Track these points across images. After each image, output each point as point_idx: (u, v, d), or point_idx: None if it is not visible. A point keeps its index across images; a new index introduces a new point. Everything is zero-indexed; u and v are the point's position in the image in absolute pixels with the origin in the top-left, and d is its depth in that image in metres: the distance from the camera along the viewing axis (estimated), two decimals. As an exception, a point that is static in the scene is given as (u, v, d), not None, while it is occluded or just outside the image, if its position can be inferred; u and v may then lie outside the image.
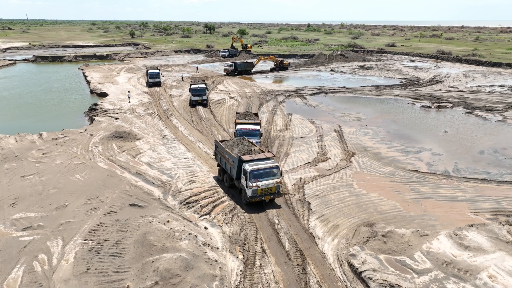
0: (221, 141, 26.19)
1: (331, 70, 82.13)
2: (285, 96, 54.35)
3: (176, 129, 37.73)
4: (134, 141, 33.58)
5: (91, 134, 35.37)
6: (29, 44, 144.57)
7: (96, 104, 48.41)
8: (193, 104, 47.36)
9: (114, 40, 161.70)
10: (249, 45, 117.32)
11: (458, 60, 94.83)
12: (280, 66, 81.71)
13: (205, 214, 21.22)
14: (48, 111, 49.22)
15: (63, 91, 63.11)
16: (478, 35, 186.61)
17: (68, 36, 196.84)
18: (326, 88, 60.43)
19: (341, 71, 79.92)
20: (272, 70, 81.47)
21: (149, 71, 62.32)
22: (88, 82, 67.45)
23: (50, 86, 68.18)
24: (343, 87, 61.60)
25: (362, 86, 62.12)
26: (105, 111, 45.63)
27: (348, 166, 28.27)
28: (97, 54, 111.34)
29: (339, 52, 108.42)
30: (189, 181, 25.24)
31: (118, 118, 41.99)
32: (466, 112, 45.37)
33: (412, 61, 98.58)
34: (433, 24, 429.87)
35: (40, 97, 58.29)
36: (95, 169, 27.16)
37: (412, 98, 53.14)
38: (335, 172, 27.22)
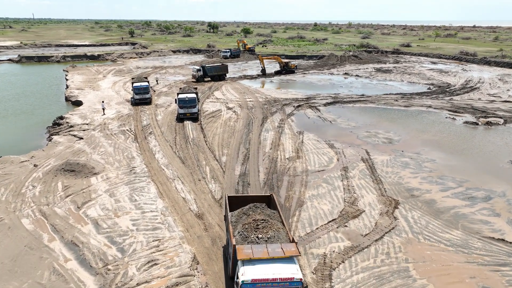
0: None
1: (345, 73, 72.54)
2: (294, 106, 44.95)
3: (151, 156, 28.48)
4: (89, 177, 24.40)
5: (35, 165, 26.25)
6: (20, 43, 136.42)
7: (61, 118, 39.35)
8: (180, 118, 38.11)
9: (122, 38, 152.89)
10: (247, 45, 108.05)
11: (486, 62, 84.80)
12: (286, 69, 72.20)
13: None
14: (7, 123, 40.37)
15: (37, 97, 54.44)
16: (496, 35, 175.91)
17: (66, 35, 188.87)
18: (342, 97, 50.92)
19: (356, 75, 70.28)
20: (277, 73, 72.01)
21: (134, 84, 46.51)
22: (67, 87, 58.60)
23: (25, 90, 59.55)
24: (362, 95, 52.06)
25: (384, 94, 52.51)
26: (71, 126, 36.58)
27: (393, 228, 18.85)
28: (88, 54, 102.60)
29: (351, 53, 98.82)
30: (149, 261, 15.94)
31: (82, 138, 32.89)
32: (525, 131, 35.74)
33: (434, 63, 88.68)
34: (439, 23, 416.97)
35: (7, 104, 49.61)
36: (13, 232, 18.02)
37: (449, 110, 43.48)
38: (376, 240, 17.82)
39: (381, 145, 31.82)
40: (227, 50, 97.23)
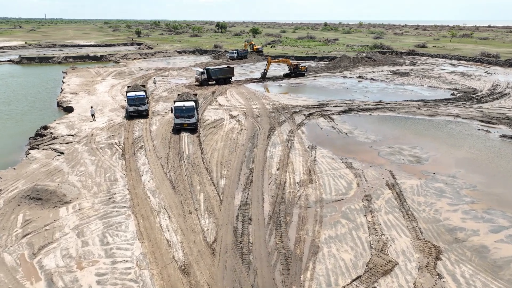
0: None
1: (359, 76, 67.60)
2: (304, 115, 40.38)
3: (137, 178, 24.21)
4: (58, 207, 20.23)
5: (-2, 190, 22.19)
6: (25, 43, 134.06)
7: (46, 127, 35.39)
8: (177, 129, 33.82)
9: (132, 39, 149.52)
10: (255, 46, 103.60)
11: (511, 64, 79.02)
12: (296, 72, 67.52)
13: None
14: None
15: (30, 101, 50.95)
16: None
17: (73, 35, 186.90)
18: (358, 103, 46.16)
19: (371, 78, 65.34)
20: (286, 76, 67.37)
21: (128, 94, 39.58)
22: (61, 91, 54.90)
23: (19, 93, 56.24)
24: (380, 101, 47.23)
25: (404, 101, 47.58)
26: (54, 138, 32.58)
27: (439, 292, 14.25)
28: (91, 55, 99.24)
29: (364, 54, 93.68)
30: None
31: (62, 153, 28.81)
32: None
33: (453, 65, 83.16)
34: (450, 23, 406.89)
35: (-4, 109, 46.14)
36: None
37: (480, 121, 38.47)
38: (419, 313, 13.23)
39: (408, 165, 27.09)
40: (234, 51, 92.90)
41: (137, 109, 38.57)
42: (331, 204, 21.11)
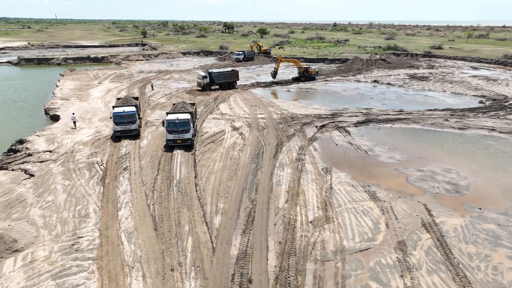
0: None
1: (374, 80, 62.52)
2: (316, 127, 35.62)
3: (114, 213, 19.70)
4: (5, 257, 15.80)
5: None
6: (28, 43, 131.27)
7: (21, 141, 31.14)
8: (169, 146, 29.25)
9: (142, 40, 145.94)
10: (262, 47, 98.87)
11: (538, 68, 73.28)
12: (306, 75, 62.67)
13: None
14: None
15: (18, 107, 47.31)
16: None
17: (79, 36, 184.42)
18: (376, 113, 41.24)
19: (388, 83, 60.21)
20: (295, 80, 62.52)
21: (115, 110, 32.33)
22: (53, 96, 50.91)
23: (8, 98, 52.78)
24: (400, 110, 42.25)
25: (428, 110, 42.50)
26: (29, 155, 28.29)
27: None
28: (92, 56, 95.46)
29: (378, 56, 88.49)
30: None
31: (33, 175, 24.49)
32: None
33: (475, 68, 77.59)
34: (462, 23, 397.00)
35: (-20, 115, 42.43)
36: None
37: (521, 135, 33.33)
38: None
39: (445, 196, 22.19)
40: (240, 53, 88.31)
41: (125, 128, 31.49)
42: (355, 256, 16.36)
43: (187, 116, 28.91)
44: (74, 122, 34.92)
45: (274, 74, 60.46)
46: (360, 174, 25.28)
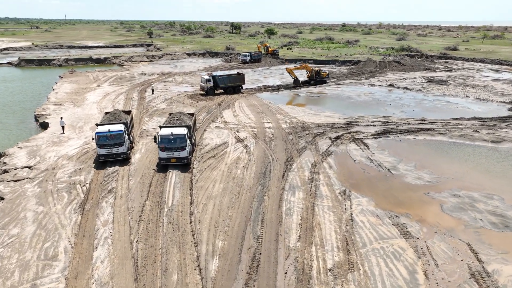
0: None
1: (390, 84, 58.41)
2: (330, 138, 31.78)
3: (88, 254, 16.10)
4: None
5: None
6: (32, 44, 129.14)
7: (0, 155, 27.79)
8: (162, 164, 25.48)
9: (152, 41, 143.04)
10: (270, 48, 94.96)
11: None
12: (317, 79, 58.78)
13: None
14: None
15: (8, 113, 44.45)
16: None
17: (85, 36, 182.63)
18: (395, 121, 37.27)
19: (405, 87, 56.06)
20: (305, 83, 58.64)
21: (98, 129, 25.79)
22: (46, 100, 47.80)
23: (0, 101, 49.38)
24: (423, 119, 38.22)
25: (453, 119, 38.41)
26: (5, 172, 24.92)
27: None
28: (94, 57, 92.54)
29: (391, 58, 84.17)
30: None
31: (3, 199, 21.06)
32: None
33: (496, 71, 73.01)
34: (474, 23, 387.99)
35: (-34, 122, 39.51)
36: None
37: None
38: None
39: (492, 232, 18.24)
40: (247, 54, 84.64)
41: (110, 152, 25.48)
42: (390, 324, 12.53)
43: (183, 131, 25.03)
44: (63, 127, 31.73)
45: (297, 82, 56.64)
46: (384, 199, 21.43)
